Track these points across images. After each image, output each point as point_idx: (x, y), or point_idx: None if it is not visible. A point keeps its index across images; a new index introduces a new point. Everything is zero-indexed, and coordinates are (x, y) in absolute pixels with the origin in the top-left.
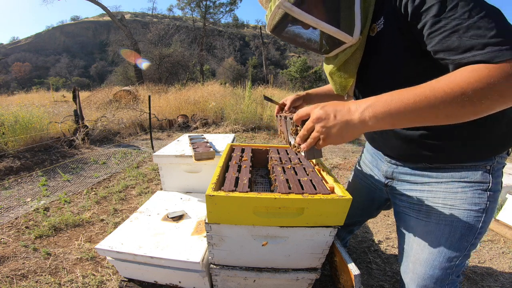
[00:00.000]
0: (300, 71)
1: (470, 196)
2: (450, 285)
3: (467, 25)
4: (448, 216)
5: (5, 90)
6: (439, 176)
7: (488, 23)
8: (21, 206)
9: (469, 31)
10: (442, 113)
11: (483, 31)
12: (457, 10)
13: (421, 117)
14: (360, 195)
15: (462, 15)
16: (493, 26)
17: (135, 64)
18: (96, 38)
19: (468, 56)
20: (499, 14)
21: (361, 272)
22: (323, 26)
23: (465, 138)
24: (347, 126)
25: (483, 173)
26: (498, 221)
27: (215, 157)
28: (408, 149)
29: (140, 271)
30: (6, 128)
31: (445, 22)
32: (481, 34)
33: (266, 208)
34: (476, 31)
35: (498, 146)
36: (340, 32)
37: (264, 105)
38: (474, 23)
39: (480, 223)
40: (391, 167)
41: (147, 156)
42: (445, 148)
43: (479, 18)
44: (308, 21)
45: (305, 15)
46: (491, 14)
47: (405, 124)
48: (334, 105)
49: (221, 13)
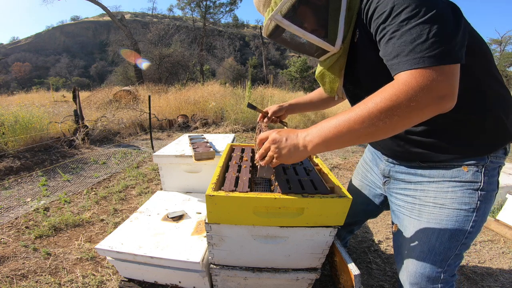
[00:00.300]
0: (300, 71)
1: (460, 195)
2: (444, 284)
3: (402, 31)
4: (438, 215)
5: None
6: (431, 175)
7: (422, 30)
8: (21, 206)
9: (402, 37)
10: (362, 134)
11: (414, 37)
12: (399, 17)
13: (346, 141)
14: (361, 193)
15: (402, 21)
16: (426, 33)
17: (135, 64)
18: (96, 38)
19: (395, 62)
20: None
21: (361, 272)
22: (308, 37)
23: (450, 136)
24: (294, 148)
25: (474, 173)
26: (498, 221)
27: (215, 157)
28: (398, 147)
29: (140, 271)
30: (6, 128)
31: (388, 28)
32: (410, 41)
33: (266, 208)
34: (407, 37)
35: (488, 145)
36: (323, 42)
37: (264, 105)
38: (409, 29)
39: (470, 222)
40: (388, 165)
41: (147, 156)
42: (432, 145)
43: (416, 25)
44: (295, 32)
45: (293, 26)
46: (431, 20)
47: (338, 147)
48: (287, 131)
49: (221, 13)
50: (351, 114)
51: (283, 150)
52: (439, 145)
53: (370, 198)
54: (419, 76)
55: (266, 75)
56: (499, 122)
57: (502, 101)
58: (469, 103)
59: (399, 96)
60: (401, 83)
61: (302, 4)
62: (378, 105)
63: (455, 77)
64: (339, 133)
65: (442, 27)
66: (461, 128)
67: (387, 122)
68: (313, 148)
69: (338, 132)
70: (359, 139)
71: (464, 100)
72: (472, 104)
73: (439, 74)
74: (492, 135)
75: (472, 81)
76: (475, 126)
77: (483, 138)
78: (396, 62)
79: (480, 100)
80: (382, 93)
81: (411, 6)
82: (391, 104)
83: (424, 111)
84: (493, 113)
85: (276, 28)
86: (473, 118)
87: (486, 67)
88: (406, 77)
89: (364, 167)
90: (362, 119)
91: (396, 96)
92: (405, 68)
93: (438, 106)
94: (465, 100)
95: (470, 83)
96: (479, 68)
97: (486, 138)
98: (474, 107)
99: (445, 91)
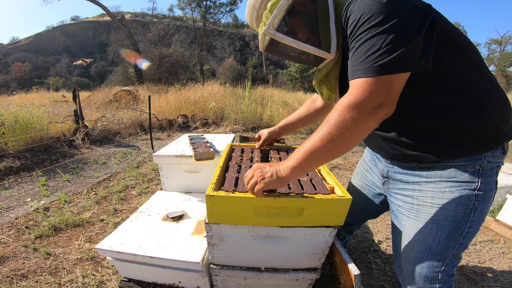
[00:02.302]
0: (300, 71)
1: (457, 195)
2: (442, 284)
3: (362, 41)
4: (436, 215)
5: (5, 90)
6: (429, 175)
7: (378, 40)
8: (21, 206)
9: (360, 47)
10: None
11: (369, 47)
12: (364, 26)
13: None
14: (361, 194)
15: (364, 31)
16: (380, 43)
17: (135, 64)
18: (96, 38)
19: (350, 71)
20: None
21: (361, 272)
22: (303, 47)
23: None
24: (276, 171)
25: (471, 173)
26: (498, 221)
27: (215, 157)
28: (394, 150)
29: (140, 271)
30: (6, 128)
31: (353, 38)
32: (365, 51)
33: (266, 208)
34: (364, 47)
35: (481, 145)
36: (318, 50)
37: (264, 105)
38: (368, 39)
39: (467, 222)
40: (387, 166)
41: (147, 156)
42: (426, 147)
43: (374, 35)
44: (290, 44)
45: (287, 39)
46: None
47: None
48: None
49: (221, 13)
50: (314, 137)
51: (267, 174)
52: (433, 147)
53: (369, 198)
54: (360, 86)
55: (266, 75)
56: (492, 121)
57: (494, 100)
58: (459, 104)
59: (345, 111)
60: (347, 96)
61: (292, 16)
62: (331, 123)
63: (391, 86)
64: (307, 155)
65: (397, 37)
66: (452, 129)
67: (340, 136)
68: (291, 170)
69: (306, 154)
70: (325, 156)
71: (453, 101)
72: (462, 105)
73: (376, 84)
74: (484, 134)
75: (459, 82)
76: (466, 126)
77: (476, 138)
78: (350, 71)
79: (469, 100)
80: (334, 110)
81: (376, 15)
82: (340, 120)
83: (367, 120)
84: (485, 113)
85: (271, 42)
86: (464, 118)
87: (473, 68)
88: (352, 87)
89: (363, 167)
90: (320, 138)
91: (343, 112)
92: (353, 77)
93: (376, 115)
94: (454, 101)
95: (457, 85)
96: (465, 70)
97: (479, 137)
98: (464, 107)
99: (380, 100)
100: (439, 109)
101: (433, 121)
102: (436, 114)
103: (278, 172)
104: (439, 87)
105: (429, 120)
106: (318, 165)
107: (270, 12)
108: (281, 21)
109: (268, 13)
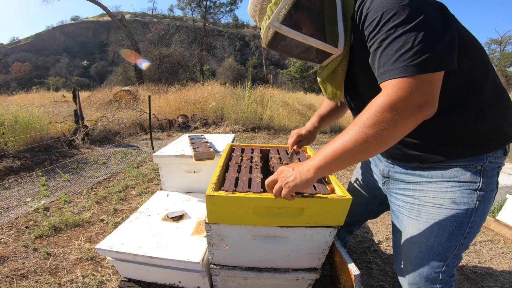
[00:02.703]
0: (300, 71)
1: (458, 195)
2: (442, 284)
3: (390, 40)
4: (437, 215)
5: (5, 90)
6: (430, 175)
7: (408, 38)
8: (21, 206)
9: (389, 46)
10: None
11: (400, 46)
12: (388, 24)
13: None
14: (361, 194)
15: (390, 29)
16: (412, 41)
17: (135, 64)
18: (96, 38)
19: (381, 71)
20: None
21: (361, 272)
22: (310, 41)
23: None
24: (300, 174)
25: (473, 173)
26: (498, 221)
27: (215, 157)
28: (396, 150)
29: (140, 271)
30: (6, 128)
31: (377, 37)
32: (396, 49)
33: (266, 208)
34: (394, 46)
35: (482, 146)
36: (326, 45)
37: (264, 105)
38: (396, 37)
39: (469, 223)
40: (388, 166)
41: (147, 156)
42: (429, 147)
43: (403, 32)
44: (296, 38)
45: (293, 32)
46: (418, 27)
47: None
48: (292, 165)
49: (221, 13)
50: (345, 136)
51: (290, 178)
52: (435, 147)
53: (370, 198)
54: (398, 86)
55: (266, 75)
56: (495, 122)
57: (498, 101)
58: (465, 105)
59: (383, 111)
60: (383, 96)
61: (298, 10)
62: (365, 123)
63: (432, 85)
64: (337, 155)
65: (428, 34)
66: (456, 130)
67: (377, 137)
68: (316, 170)
69: (335, 154)
70: (356, 157)
71: (459, 102)
72: (467, 105)
73: (416, 83)
74: (487, 135)
75: (465, 82)
76: (470, 127)
77: (479, 138)
78: (382, 72)
79: (475, 101)
80: (368, 109)
81: (399, 13)
82: (376, 120)
83: (407, 121)
84: (488, 113)
85: (275, 36)
86: (468, 119)
87: (479, 68)
88: (388, 88)
89: (363, 167)
90: (354, 138)
91: (380, 112)
92: (388, 77)
93: (418, 115)
94: (460, 102)
95: (464, 85)
96: (471, 69)
97: (482, 138)
98: (468, 108)
99: (422, 100)
100: (445, 109)
101: (438, 122)
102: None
103: (301, 175)
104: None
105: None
106: (346, 166)
107: (275, 5)
108: (287, 15)
109: (273, 6)
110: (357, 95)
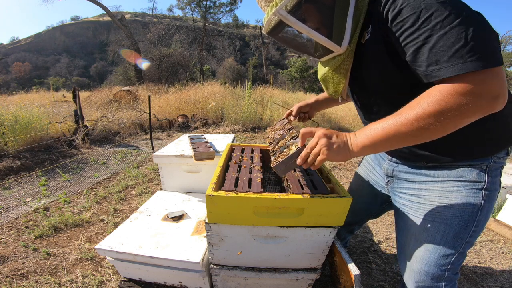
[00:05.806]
0: (300, 71)
1: (465, 195)
2: (447, 282)
3: (437, 36)
4: (444, 214)
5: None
6: (436, 175)
7: (458, 33)
8: (21, 206)
9: (439, 42)
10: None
11: (452, 41)
12: (430, 21)
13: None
14: (363, 193)
15: (435, 26)
16: (463, 36)
17: (135, 64)
18: (96, 38)
19: (434, 68)
20: (474, 22)
21: (361, 272)
22: (313, 35)
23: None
24: (344, 145)
25: (479, 173)
26: (498, 221)
27: (215, 157)
28: (404, 149)
29: (140, 271)
30: (6, 128)
31: (418, 33)
32: (449, 45)
33: (266, 208)
34: (445, 42)
35: (492, 146)
36: (329, 42)
37: (264, 105)
38: (444, 34)
39: (474, 221)
40: (392, 165)
41: (147, 156)
42: (438, 148)
43: (450, 28)
44: (300, 29)
45: (298, 23)
46: (465, 23)
47: (384, 148)
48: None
49: (221, 13)
50: (398, 118)
51: (333, 145)
52: (445, 148)
53: (372, 197)
54: (467, 80)
55: (266, 75)
56: (504, 124)
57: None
58: None
59: (448, 101)
60: (448, 88)
61: (308, 1)
62: (426, 109)
63: (503, 77)
64: (387, 136)
65: (477, 29)
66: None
67: (437, 125)
68: (361, 148)
69: (385, 135)
70: (406, 141)
71: None
72: None
73: (489, 76)
74: (497, 137)
75: None
76: (480, 128)
77: (489, 140)
78: (435, 68)
79: None
80: (429, 97)
81: (440, 10)
82: (439, 109)
83: (476, 113)
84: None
85: (278, 24)
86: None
87: None
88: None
89: (366, 166)
90: (410, 122)
91: (444, 102)
92: (449, 74)
93: (492, 107)
94: None
95: None
96: None
97: (492, 140)
98: None
99: (497, 92)
100: None
101: None
102: None
103: (345, 146)
104: None
105: None
106: (390, 148)
107: None
108: (296, 5)
109: None
110: (364, 93)
